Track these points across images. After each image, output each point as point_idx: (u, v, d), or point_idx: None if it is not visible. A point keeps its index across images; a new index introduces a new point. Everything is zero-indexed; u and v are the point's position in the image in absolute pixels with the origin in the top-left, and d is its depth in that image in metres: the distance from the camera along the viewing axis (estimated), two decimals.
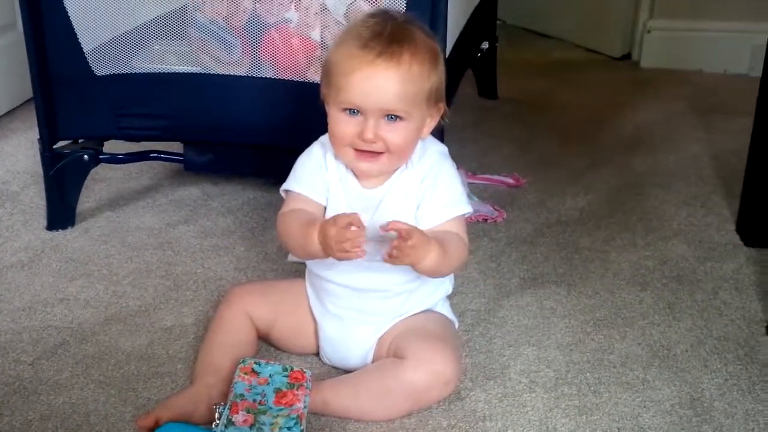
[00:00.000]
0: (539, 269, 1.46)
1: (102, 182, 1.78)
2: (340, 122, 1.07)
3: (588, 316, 1.31)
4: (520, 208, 1.68)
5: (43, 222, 1.60)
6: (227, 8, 1.42)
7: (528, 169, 1.85)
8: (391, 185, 1.11)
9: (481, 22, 2.12)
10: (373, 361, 1.14)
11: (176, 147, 1.67)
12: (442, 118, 1.12)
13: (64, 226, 1.59)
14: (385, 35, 1.03)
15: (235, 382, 1.04)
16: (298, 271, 1.41)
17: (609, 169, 1.89)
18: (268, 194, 1.72)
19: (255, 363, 1.06)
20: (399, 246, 1.00)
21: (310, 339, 1.18)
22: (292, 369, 1.06)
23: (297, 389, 1.03)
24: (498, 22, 2.39)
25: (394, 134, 1.06)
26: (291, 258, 1.46)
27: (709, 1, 2.56)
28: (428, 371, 1.05)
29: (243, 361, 1.07)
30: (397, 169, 1.11)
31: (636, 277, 1.43)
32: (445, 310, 1.20)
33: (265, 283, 1.34)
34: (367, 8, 1.38)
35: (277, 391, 1.03)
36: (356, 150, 1.07)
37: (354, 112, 1.06)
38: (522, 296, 1.37)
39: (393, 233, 1.01)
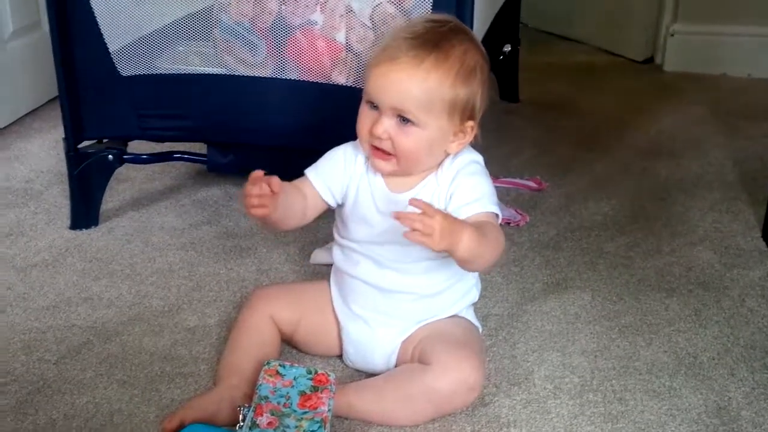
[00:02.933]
0: (563, 274, 1.45)
1: (125, 182, 1.78)
2: (362, 114, 1.09)
3: (613, 322, 1.30)
4: (542, 212, 1.67)
5: (67, 221, 1.61)
6: (253, 10, 1.42)
7: (550, 172, 1.84)
8: (418, 190, 1.11)
9: (504, 24, 2.11)
10: (396, 365, 1.14)
11: (199, 147, 1.68)
12: (474, 138, 1.11)
13: (87, 226, 1.59)
14: (420, 38, 1.04)
15: (260, 384, 1.03)
16: (320, 273, 1.41)
17: (632, 173, 1.87)
18: None
19: (279, 365, 1.06)
20: (422, 220, 0.95)
21: (334, 341, 1.18)
22: (316, 372, 1.06)
23: (321, 392, 1.03)
24: (520, 24, 2.38)
25: (403, 138, 1.06)
26: (313, 259, 1.46)
27: (732, 4, 2.54)
28: (453, 378, 1.04)
29: (268, 363, 1.06)
30: (426, 174, 1.11)
31: (661, 283, 1.41)
32: (470, 315, 1.19)
33: (288, 285, 1.34)
34: (392, 10, 1.38)
35: (302, 393, 1.02)
36: (372, 146, 1.09)
37: (374, 106, 1.07)
38: (545, 301, 1.36)
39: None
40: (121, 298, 1.36)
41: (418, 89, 1.04)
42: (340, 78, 1.43)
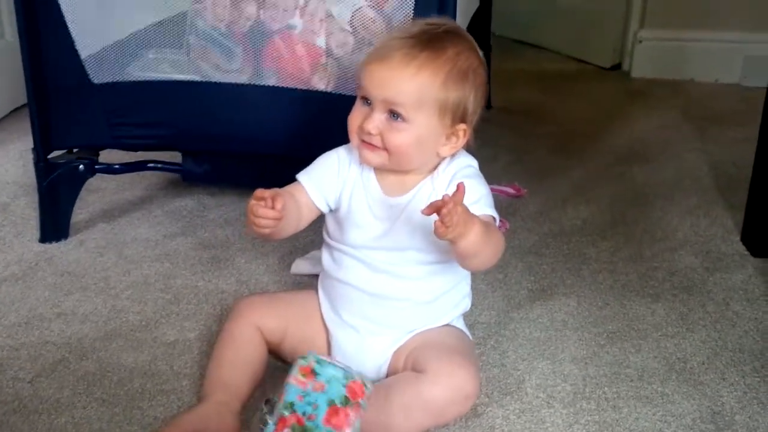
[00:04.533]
0: (547, 280, 1.43)
1: (95, 193, 1.73)
2: (354, 109, 1.09)
3: (600, 329, 1.29)
4: (522, 219, 1.66)
5: (36, 234, 1.56)
6: (230, 15, 1.39)
7: (527, 179, 1.83)
8: (414, 194, 1.09)
9: (475, 31, 2.10)
10: (388, 376, 1.11)
11: (172, 156, 1.63)
12: (467, 143, 1.10)
13: (57, 238, 1.54)
14: (414, 38, 1.04)
15: (288, 384, 0.94)
16: (302, 283, 1.38)
17: (608, 178, 1.87)
18: None
19: (317, 362, 0.96)
20: (450, 210, 0.93)
21: (322, 351, 1.15)
22: (353, 378, 0.96)
23: (351, 408, 0.95)
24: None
25: (393, 133, 1.05)
26: (294, 269, 1.42)
27: (699, 11, 2.57)
28: (448, 385, 1.02)
29: (304, 358, 0.97)
30: (422, 179, 1.09)
31: (646, 288, 1.41)
32: (461, 324, 1.17)
33: (273, 294, 1.31)
34: (372, 15, 1.36)
35: (331, 404, 0.94)
36: (361, 140, 1.08)
37: (366, 102, 1.06)
38: (532, 308, 1.34)
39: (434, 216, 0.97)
40: (96, 313, 1.31)
41: (409, 85, 1.03)
42: (320, 84, 1.41)
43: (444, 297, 1.12)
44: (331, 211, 1.14)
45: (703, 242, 1.57)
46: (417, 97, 1.04)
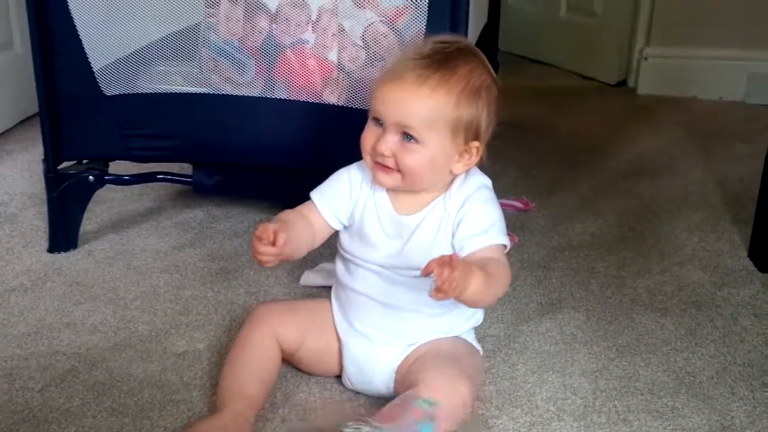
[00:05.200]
0: (556, 294, 1.43)
1: (103, 204, 1.74)
2: (366, 130, 1.08)
3: (610, 342, 1.29)
4: (531, 232, 1.67)
5: (44, 244, 1.56)
6: (243, 29, 1.40)
7: (535, 193, 1.84)
8: (426, 214, 1.09)
9: (484, 47, 2.11)
10: (394, 385, 1.11)
11: (181, 168, 1.64)
12: (480, 159, 1.10)
13: (66, 249, 1.54)
14: (426, 58, 1.04)
15: None
16: (311, 294, 1.38)
17: (614, 194, 1.88)
18: (274, 216, 1.69)
19: None
20: (447, 278, 0.92)
21: (334, 362, 1.15)
22: None
23: None
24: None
25: (406, 155, 1.05)
26: (304, 281, 1.43)
27: (705, 28, 2.58)
28: (441, 394, 0.99)
29: None
30: (434, 197, 1.10)
31: (654, 302, 1.41)
32: (470, 338, 1.17)
33: (291, 302, 1.30)
34: (384, 30, 1.37)
35: None
36: (375, 161, 1.08)
37: (379, 123, 1.06)
38: (541, 322, 1.34)
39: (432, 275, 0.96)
40: (105, 323, 1.31)
41: (422, 106, 1.03)
42: (332, 97, 1.41)
43: (456, 310, 1.12)
44: (345, 227, 1.14)
45: (711, 257, 1.57)
46: (430, 118, 1.04)
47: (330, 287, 1.21)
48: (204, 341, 1.27)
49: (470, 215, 1.08)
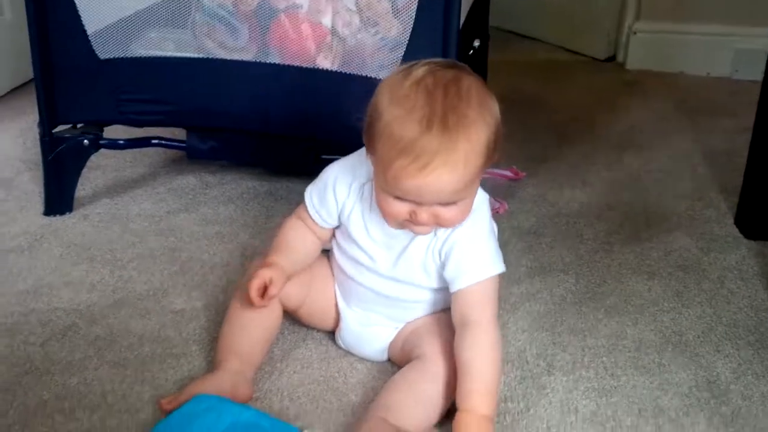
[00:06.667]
0: (546, 259, 1.46)
1: (97, 170, 1.74)
2: (390, 204, 1.00)
3: (599, 304, 1.32)
4: (521, 201, 1.69)
5: (40, 208, 1.57)
6: None
7: (525, 163, 1.86)
8: (411, 237, 1.07)
9: (475, 19, 2.13)
10: (389, 357, 1.15)
11: (176, 134, 1.65)
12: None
13: (62, 212, 1.56)
14: (434, 119, 0.93)
15: None
16: None
17: (603, 164, 1.90)
18: (268, 183, 1.71)
19: None
20: None
21: (332, 320, 1.18)
22: None
23: None
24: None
25: (448, 214, 1.00)
26: None
27: (693, 4, 2.60)
28: (449, 361, 1.04)
29: None
30: None
31: (642, 267, 1.44)
32: None
33: None
34: None
35: None
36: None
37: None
38: (531, 284, 1.37)
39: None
40: (103, 282, 1.33)
41: (460, 181, 0.96)
42: (325, 62, 1.43)
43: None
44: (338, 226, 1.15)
45: (698, 224, 1.60)
46: (469, 181, 0.97)
47: (328, 250, 1.22)
48: (202, 300, 1.29)
49: (459, 248, 1.05)
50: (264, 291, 1.07)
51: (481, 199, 1.08)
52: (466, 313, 1.04)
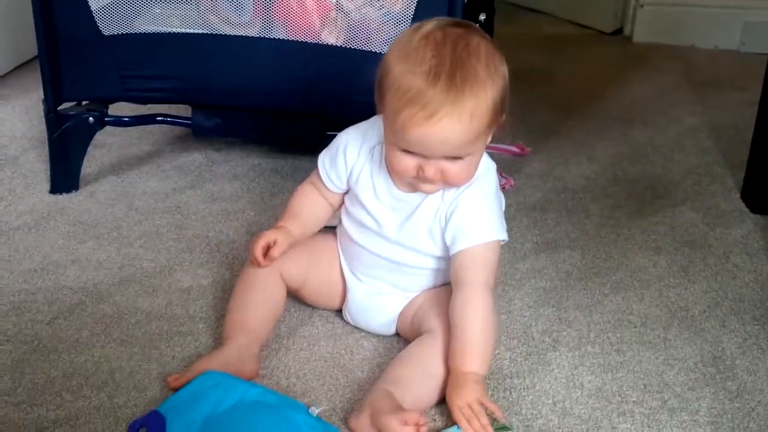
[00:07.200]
0: (551, 234, 1.46)
1: (102, 148, 1.74)
2: (398, 158, 1.01)
3: (604, 279, 1.32)
4: (527, 176, 1.69)
5: (46, 186, 1.57)
6: None
7: (531, 139, 1.85)
8: (420, 200, 1.08)
9: None
10: (396, 330, 1.15)
11: (180, 111, 1.65)
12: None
13: (68, 190, 1.56)
14: (442, 72, 0.94)
15: None
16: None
17: (609, 139, 1.90)
18: (273, 160, 1.71)
19: None
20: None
21: (338, 296, 1.18)
22: None
23: None
24: None
25: (454, 169, 1.01)
26: None
27: None
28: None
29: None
30: None
31: (648, 242, 1.44)
32: None
33: None
34: None
35: None
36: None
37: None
38: (537, 260, 1.37)
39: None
40: (110, 260, 1.34)
41: (466, 134, 0.97)
42: (330, 38, 1.42)
43: None
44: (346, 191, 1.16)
45: (704, 199, 1.60)
46: (476, 134, 0.98)
47: (334, 227, 1.23)
48: (208, 277, 1.29)
49: (461, 209, 1.06)
50: (267, 251, 1.10)
51: (489, 167, 1.10)
52: (460, 274, 1.06)
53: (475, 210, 1.06)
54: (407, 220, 1.09)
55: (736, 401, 1.06)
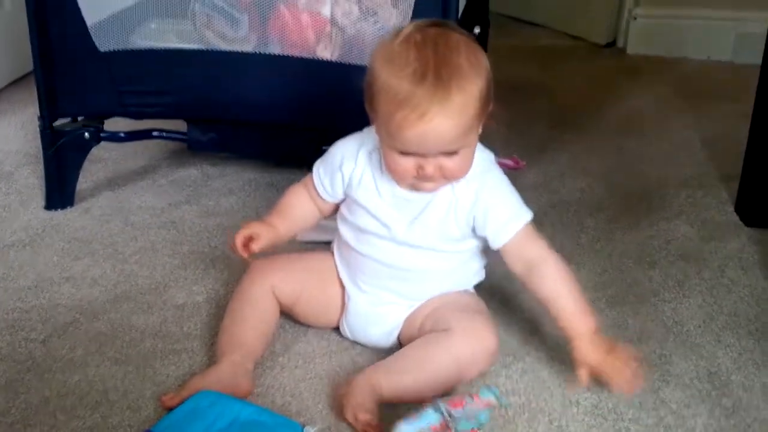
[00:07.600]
0: None
1: (98, 163, 1.75)
2: (397, 161, 1.04)
3: (600, 293, 1.32)
4: (522, 190, 1.63)
5: (41, 202, 1.57)
6: None
7: (526, 152, 1.86)
8: (431, 197, 1.09)
9: (475, 5, 2.12)
10: (399, 340, 1.15)
11: (176, 126, 1.65)
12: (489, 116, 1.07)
13: (63, 206, 1.56)
14: (430, 74, 0.97)
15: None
16: (309, 250, 1.40)
17: (605, 151, 1.90)
18: (269, 175, 1.71)
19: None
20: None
21: (334, 314, 1.18)
22: None
23: None
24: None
25: (451, 164, 1.03)
26: (302, 237, 1.44)
27: None
28: (477, 341, 1.06)
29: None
30: None
31: (643, 256, 1.44)
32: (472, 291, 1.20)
33: (290, 257, 1.32)
34: None
35: None
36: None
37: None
38: None
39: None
40: (104, 277, 1.33)
41: (458, 128, 1.00)
42: (325, 53, 1.42)
43: (464, 267, 1.15)
44: (343, 199, 1.16)
45: (698, 212, 1.60)
46: (467, 127, 1.01)
47: (329, 243, 1.23)
48: (203, 294, 1.29)
49: (493, 205, 1.09)
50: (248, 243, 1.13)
51: (489, 158, 1.13)
52: (524, 257, 1.10)
53: (502, 200, 1.11)
54: (417, 218, 1.10)
55: (731, 418, 1.06)
